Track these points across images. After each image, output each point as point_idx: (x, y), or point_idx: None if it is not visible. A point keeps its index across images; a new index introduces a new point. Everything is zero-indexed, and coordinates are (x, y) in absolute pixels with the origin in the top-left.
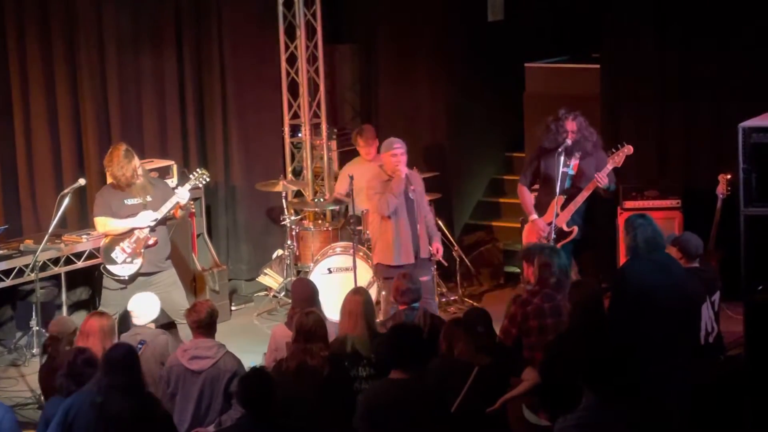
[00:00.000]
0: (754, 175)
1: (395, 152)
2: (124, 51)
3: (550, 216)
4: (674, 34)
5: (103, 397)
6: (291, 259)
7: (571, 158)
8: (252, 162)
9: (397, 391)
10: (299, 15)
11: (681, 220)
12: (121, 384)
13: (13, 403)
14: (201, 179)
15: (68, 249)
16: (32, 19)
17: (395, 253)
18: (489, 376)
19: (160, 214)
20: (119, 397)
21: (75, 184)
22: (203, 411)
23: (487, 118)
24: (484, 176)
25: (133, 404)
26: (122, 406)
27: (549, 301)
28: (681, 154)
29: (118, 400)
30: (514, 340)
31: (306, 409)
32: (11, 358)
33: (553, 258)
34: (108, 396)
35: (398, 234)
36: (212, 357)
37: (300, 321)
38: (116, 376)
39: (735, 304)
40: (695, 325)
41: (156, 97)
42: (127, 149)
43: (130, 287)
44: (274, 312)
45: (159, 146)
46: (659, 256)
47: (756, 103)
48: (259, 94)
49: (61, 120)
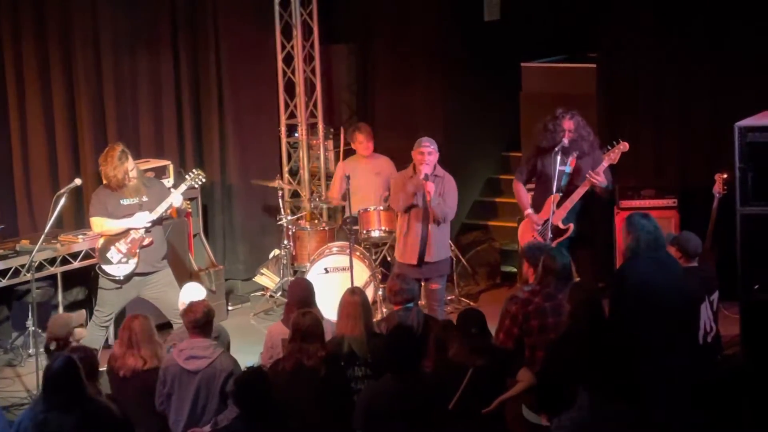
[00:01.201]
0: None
1: (422, 150)
2: (119, 51)
3: (546, 213)
4: (670, 34)
5: (43, 415)
6: (288, 259)
7: (568, 157)
8: (248, 162)
9: (395, 391)
10: (296, 15)
11: (677, 219)
12: (59, 401)
13: (9, 403)
14: (197, 180)
15: (64, 249)
16: (28, 20)
17: (401, 250)
18: (484, 376)
19: (156, 215)
20: (58, 414)
21: (71, 185)
22: (199, 411)
23: (483, 117)
24: (481, 176)
25: (76, 418)
26: (62, 423)
27: (550, 300)
28: (677, 153)
29: (56, 417)
30: (516, 340)
31: (302, 409)
32: (7, 358)
33: (557, 258)
34: (48, 413)
35: (407, 233)
36: (208, 357)
37: (297, 321)
38: (52, 393)
39: (731, 303)
40: (694, 325)
41: (152, 97)
42: (122, 150)
43: (126, 287)
44: (270, 312)
45: (155, 146)
46: (659, 255)
47: (752, 102)
48: (256, 93)
49: (56, 120)
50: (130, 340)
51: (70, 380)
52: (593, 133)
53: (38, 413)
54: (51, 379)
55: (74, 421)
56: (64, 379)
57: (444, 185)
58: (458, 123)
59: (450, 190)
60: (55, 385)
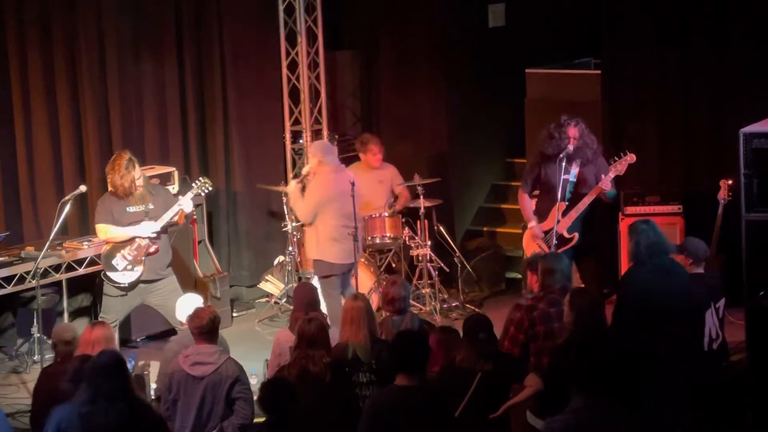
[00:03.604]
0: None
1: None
2: (125, 58)
3: (551, 222)
4: (674, 40)
5: (89, 407)
6: (292, 266)
7: (573, 165)
8: (253, 168)
9: (401, 397)
10: (300, 21)
11: (682, 225)
12: (107, 391)
13: (14, 410)
14: (204, 188)
15: (69, 256)
16: (33, 27)
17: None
18: (491, 382)
19: (162, 223)
20: (105, 404)
21: (76, 191)
22: (205, 417)
23: (488, 123)
24: (486, 182)
25: (120, 411)
26: (109, 414)
27: (554, 306)
28: (682, 159)
29: (103, 408)
30: (521, 346)
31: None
32: (12, 365)
33: (555, 263)
34: (94, 405)
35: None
36: (214, 363)
37: (302, 327)
38: (101, 383)
39: (736, 310)
40: (699, 331)
41: (157, 103)
42: (129, 158)
43: (131, 294)
44: (275, 318)
45: (160, 153)
46: (663, 262)
47: (757, 108)
48: (260, 100)
49: (62, 127)
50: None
51: (117, 371)
52: (596, 141)
53: (82, 406)
54: (99, 369)
55: (119, 413)
56: (113, 369)
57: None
58: (463, 129)
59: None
60: (104, 375)
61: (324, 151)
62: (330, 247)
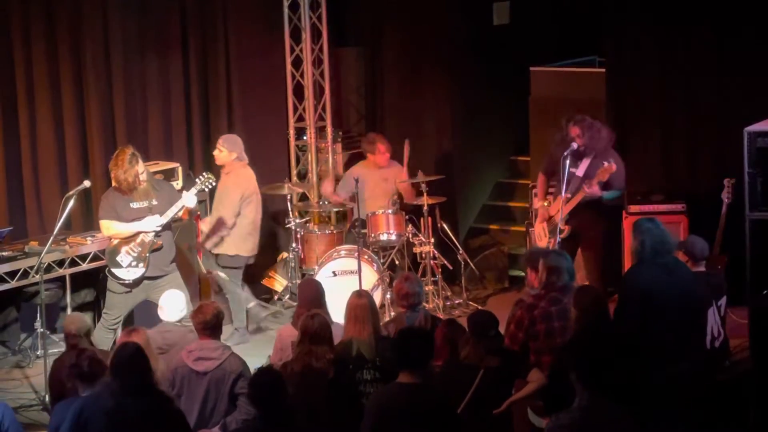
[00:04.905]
0: (760, 179)
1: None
2: (129, 53)
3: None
4: (679, 38)
5: (114, 401)
6: (296, 262)
7: (583, 160)
8: (257, 164)
9: (405, 395)
10: (305, 18)
11: (686, 224)
12: (131, 385)
13: (18, 404)
14: (207, 183)
15: (73, 251)
16: (38, 22)
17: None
18: (495, 378)
19: (166, 219)
20: (130, 399)
21: (80, 186)
22: (208, 412)
23: (492, 121)
24: (490, 180)
25: (144, 405)
26: (134, 408)
27: (556, 305)
28: (686, 158)
29: (129, 402)
30: (521, 344)
31: (311, 411)
32: (15, 359)
33: (559, 261)
34: (119, 399)
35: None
36: (217, 358)
37: (305, 324)
38: (125, 377)
39: (740, 309)
40: (702, 329)
41: (161, 99)
42: (132, 153)
43: (135, 290)
44: (278, 315)
45: (164, 148)
46: (667, 260)
47: (761, 107)
48: (264, 96)
49: (66, 122)
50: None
51: (141, 365)
52: (606, 129)
53: (107, 399)
54: (124, 363)
55: (144, 408)
56: (137, 362)
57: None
58: (467, 127)
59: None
60: (130, 369)
61: (240, 146)
62: (246, 242)
